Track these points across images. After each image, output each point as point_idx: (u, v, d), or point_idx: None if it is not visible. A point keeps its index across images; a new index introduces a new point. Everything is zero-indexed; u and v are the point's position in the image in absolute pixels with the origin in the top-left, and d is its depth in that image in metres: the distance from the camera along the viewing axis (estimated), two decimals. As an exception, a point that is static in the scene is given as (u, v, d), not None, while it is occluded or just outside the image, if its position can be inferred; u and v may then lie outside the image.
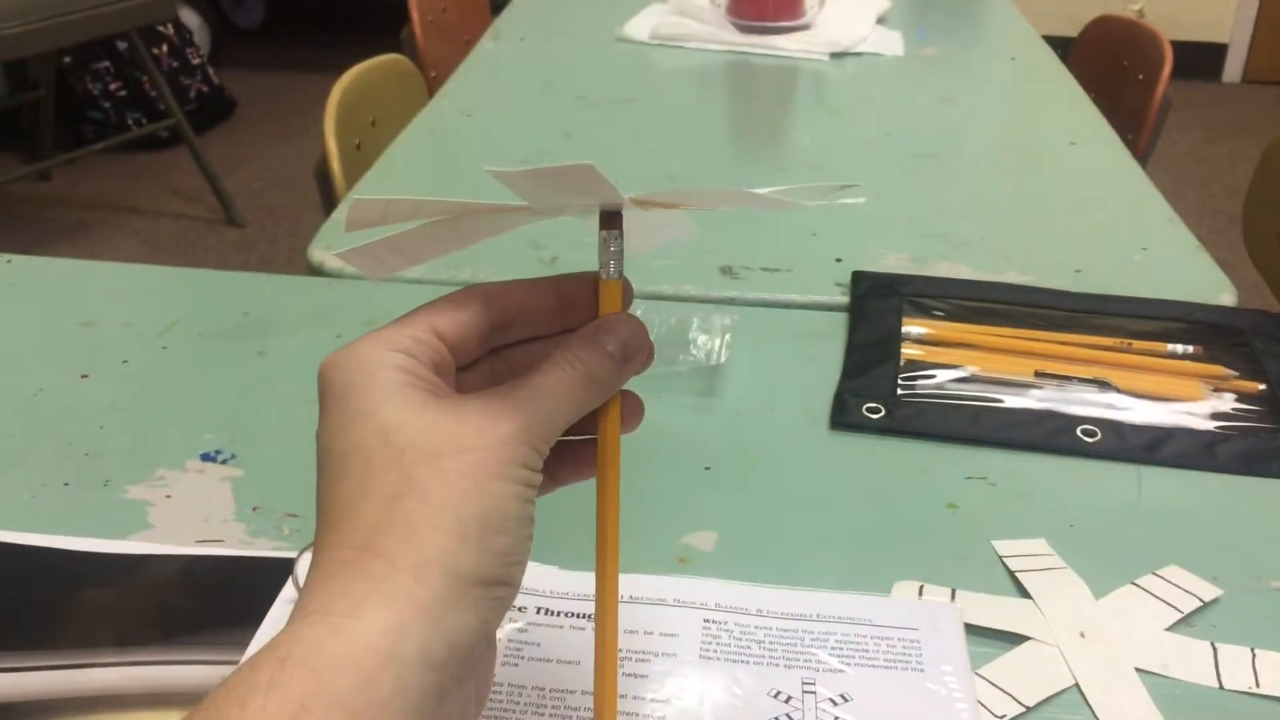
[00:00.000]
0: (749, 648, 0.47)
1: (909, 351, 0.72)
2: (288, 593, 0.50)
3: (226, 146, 3.08)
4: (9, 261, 0.83)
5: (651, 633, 0.48)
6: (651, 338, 0.36)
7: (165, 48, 3.07)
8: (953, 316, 0.76)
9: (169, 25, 3.08)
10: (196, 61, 3.18)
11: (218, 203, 2.69)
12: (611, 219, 0.35)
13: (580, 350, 0.34)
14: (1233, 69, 3.82)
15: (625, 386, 0.36)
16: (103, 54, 2.96)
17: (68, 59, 2.91)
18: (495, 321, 0.35)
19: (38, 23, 2.20)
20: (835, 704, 0.45)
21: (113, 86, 2.98)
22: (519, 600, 0.49)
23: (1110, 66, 1.59)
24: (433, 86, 1.50)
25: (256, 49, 3.93)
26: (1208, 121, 3.35)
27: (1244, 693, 0.48)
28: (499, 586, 0.31)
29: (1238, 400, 0.68)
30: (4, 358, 0.70)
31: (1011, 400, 0.67)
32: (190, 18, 3.44)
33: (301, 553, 0.51)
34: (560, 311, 0.36)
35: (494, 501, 0.30)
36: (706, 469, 0.61)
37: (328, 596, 0.29)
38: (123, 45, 2.92)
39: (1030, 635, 0.50)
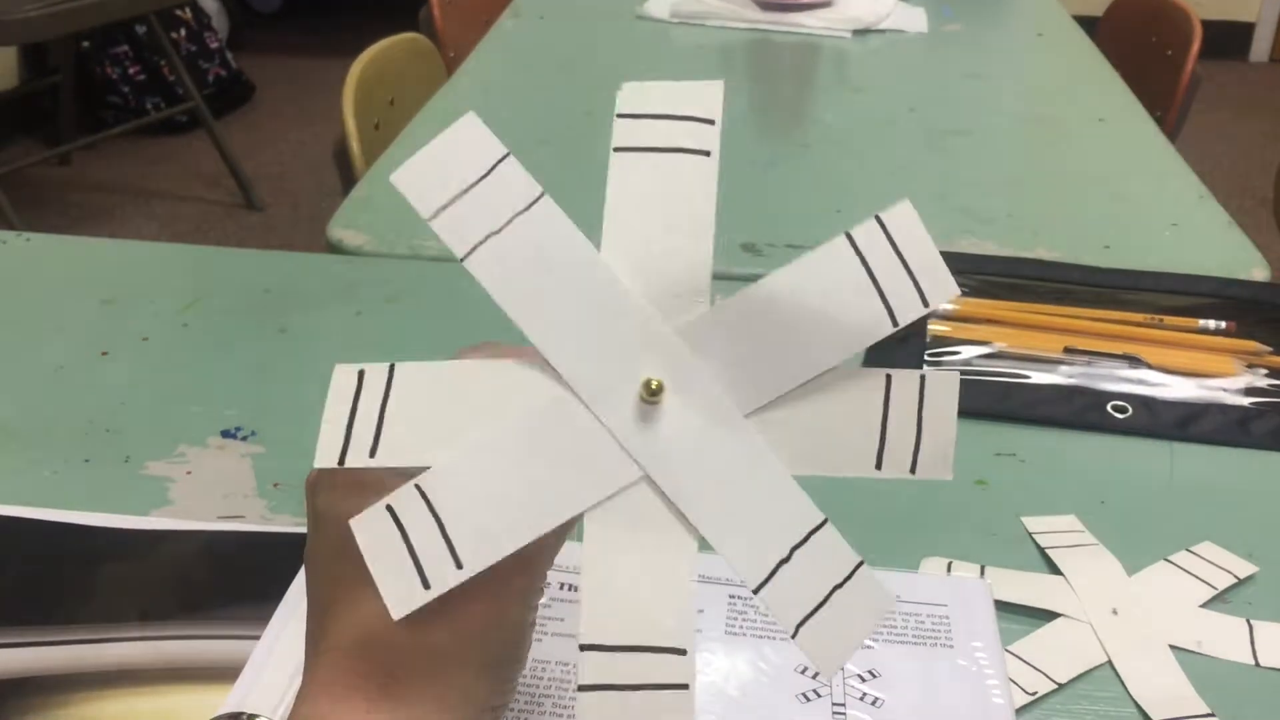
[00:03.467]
0: (775, 623, 0.47)
1: (935, 328, 0.71)
2: (309, 568, 0.50)
3: (245, 131, 3.08)
4: (29, 240, 0.83)
5: (676, 608, 0.47)
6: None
7: (183, 32, 3.06)
8: (980, 293, 0.75)
9: (187, 9, 3.07)
10: (215, 45, 3.17)
11: (237, 187, 2.69)
12: None
13: None
14: (1260, 48, 3.76)
15: None
16: (121, 38, 2.96)
17: (86, 43, 2.91)
18: None
19: (57, 6, 2.20)
20: (864, 680, 0.44)
21: (131, 71, 2.99)
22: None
23: (1138, 43, 1.57)
24: (451, 67, 1.49)
25: (274, 33, 3.92)
26: (1234, 101, 3.30)
27: (1282, 670, 0.47)
28: (504, 707, 0.32)
29: (1271, 376, 0.66)
30: (25, 335, 0.70)
31: (1040, 376, 0.66)
32: (208, 2, 3.43)
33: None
34: None
35: (513, 633, 0.31)
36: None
37: (347, 716, 0.29)
38: (141, 29, 2.92)
39: (1062, 612, 0.49)
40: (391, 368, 0.31)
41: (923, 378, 0.31)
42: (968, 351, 0.68)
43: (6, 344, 0.69)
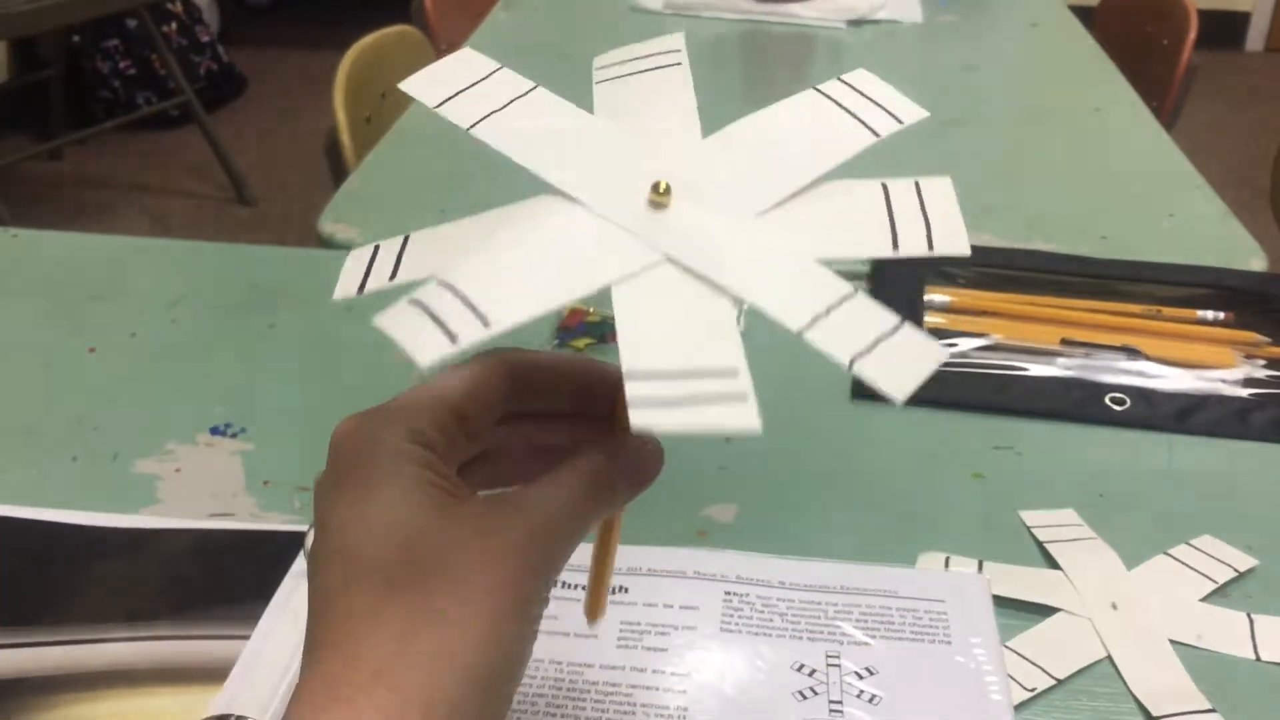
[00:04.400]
0: (771, 620, 0.46)
1: (932, 319, 0.70)
2: (299, 566, 0.49)
3: (237, 125, 3.07)
4: (15, 236, 0.82)
5: (671, 605, 0.47)
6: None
7: (174, 25, 3.05)
8: (976, 284, 0.75)
9: (178, 3, 3.06)
10: (206, 39, 3.16)
11: (229, 181, 2.67)
12: None
13: (599, 468, 0.33)
14: (1255, 38, 3.76)
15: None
16: (112, 32, 2.94)
17: (77, 37, 2.89)
18: (514, 395, 0.34)
19: (47, 0, 2.18)
20: (861, 677, 0.43)
21: (122, 65, 2.97)
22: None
23: (1134, 33, 1.56)
24: (444, 59, 1.48)
25: (266, 26, 3.90)
26: (1230, 91, 3.30)
27: (1283, 665, 0.46)
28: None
29: (1270, 367, 0.66)
30: (11, 332, 0.69)
31: (1037, 369, 0.65)
32: (200, -5, 3.41)
33: (311, 526, 0.50)
34: (576, 395, 0.35)
35: (510, 648, 0.30)
36: (726, 440, 0.60)
37: None
38: (132, 23, 2.91)
39: (1060, 607, 0.48)
40: (406, 237, 0.32)
41: (917, 184, 0.32)
42: (965, 344, 0.68)
43: (-7, 341, 0.68)
